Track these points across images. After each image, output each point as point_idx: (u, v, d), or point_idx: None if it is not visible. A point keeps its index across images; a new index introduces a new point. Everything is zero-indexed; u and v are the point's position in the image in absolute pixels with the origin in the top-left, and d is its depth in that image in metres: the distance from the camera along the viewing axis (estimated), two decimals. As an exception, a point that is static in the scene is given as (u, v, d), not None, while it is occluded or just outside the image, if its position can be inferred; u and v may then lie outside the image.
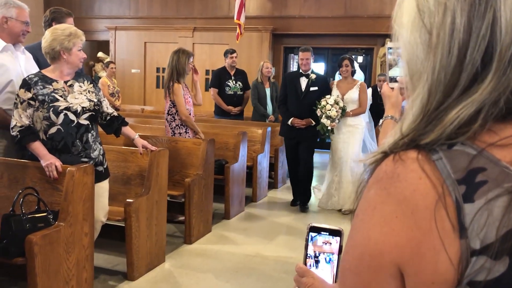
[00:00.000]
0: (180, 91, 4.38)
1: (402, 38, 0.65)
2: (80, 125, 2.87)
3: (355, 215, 0.64)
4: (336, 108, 4.90)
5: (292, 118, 5.11)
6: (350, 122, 5.18)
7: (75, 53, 2.87)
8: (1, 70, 2.98)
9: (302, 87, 5.13)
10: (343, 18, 8.91)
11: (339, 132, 5.19)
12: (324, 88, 5.15)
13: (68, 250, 2.65)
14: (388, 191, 0.59)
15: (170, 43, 9.43)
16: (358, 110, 5.22)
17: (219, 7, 9.54)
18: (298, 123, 5.09)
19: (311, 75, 5.12)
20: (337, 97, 4.99)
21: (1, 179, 2.87)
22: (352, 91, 5.21)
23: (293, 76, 5.29)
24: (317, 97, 5.02)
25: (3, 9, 3.06)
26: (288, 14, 9.23)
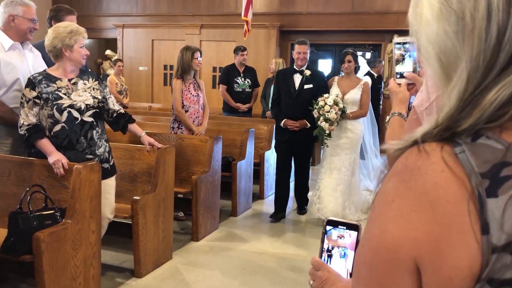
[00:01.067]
0: (177, 86, 4.48)
1: (427, 33, 0.62)
2: (84, 122, 2.88)
3: (372, 207, 0.63)
4: (335, 109, 4.36)
5: (284, 119, 4.63)
6: (347, 125, 4.63)
7: (76, 50, 2.88)
8: (8, 69, 2.99)
9: (296, 84, 4.63)
10: (350, 14, 8.86)
11: (335, 136, 4.61)
12: (320, 85, 4.63)
13: (75, 247, 2.66)
14: (407, 184, 0.58)
15: (177, 41, 9.44)
16: (358, 113, 4.66)
17: (226, 4, 9.52)
18: (291, 125, 4.60)
19: (305, 71, 4.62)
20: (336, 97, 4.44)
21: (9, 176, 2.89)
22: (354, 91, 4.63)
23: (286, 73, 4.78)
24: (312, 95, 4.52)
25: (10, 7, 3.08)
26: (295, 11, 9.19)
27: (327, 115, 4.36)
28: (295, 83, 4.64)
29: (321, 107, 4.38)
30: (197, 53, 4.51)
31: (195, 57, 4.49)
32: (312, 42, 9.72)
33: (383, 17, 8.64)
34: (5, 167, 2.91)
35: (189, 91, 4.50)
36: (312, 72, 4.67)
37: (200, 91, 4.60)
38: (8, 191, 2.86)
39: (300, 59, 4.60)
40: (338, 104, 4.41)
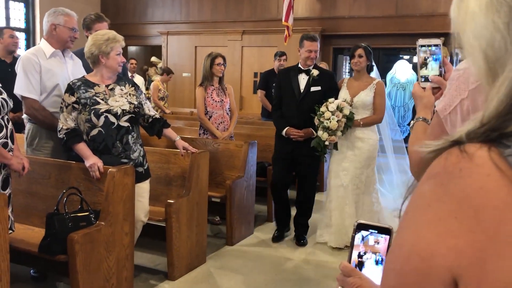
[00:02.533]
0: (198, 94, 4.56)
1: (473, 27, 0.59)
2: (120, 127, 2.95)
3: (405, 212, 0.59)
4: (338, 116, 3.72)
5: (287, 127, 4.00)
6: (358, 133, 3.94)
7: (113, 57, 2.96)
8: (48, 75, 3.13)
9: (301, 86, 4.01)
10: (394, 18, 8.67)
11: (341, 146, 3.96)
12: (329, 87, 4.01)
13: (108, 249, 2.73)
14: (446, 187, 0.53)
15: (219, 47, 9.54)
16: (371, 119, 3.95)
17: (268, 10, 9.56)
18: (295, 134, 3.96)
19: (312, 71, 4.00)
20: (343, 101, 3.82)
21: (49, 179, 3.01)
22: (365, 93, 3.93)
23: (289, 73, 4.11)
24: (319, 99, 3.91)
25: (52, 16, 3.22)
26: (337, 15, 9.10)
27: (326, 123, 3.74)
28: (300, 84, 4.03)
29: (321, 113, 3.79)
30: (218, 59, 4.51)
31: (216, 63, 4.51)
32: (355, 46, 9.63)
33: (428, 20, 8.39)
34: (45, 170, 3.03)
35: (212, 97, 4.53)
36: (320, 72, 4.05)
37: (225, 96, 4.61)
38: (47, 193, 2.98)
39: (310, 58, 4.00)
40: (342, 110, 3.76)
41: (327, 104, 3.80)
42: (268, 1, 9.54)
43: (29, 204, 3.03)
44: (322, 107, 3.81)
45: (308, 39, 4.04)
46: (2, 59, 4.57)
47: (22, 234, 2.79)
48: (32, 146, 3.21)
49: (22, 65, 3.13)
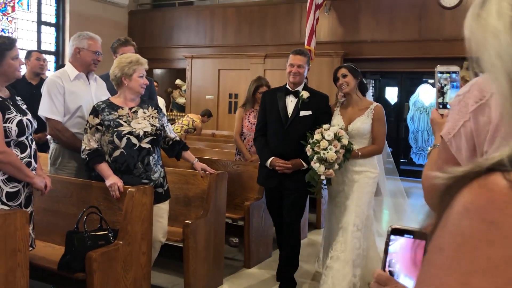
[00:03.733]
0: (238, 114, 4.71)
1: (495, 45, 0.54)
2: (141, 149, 3.02)
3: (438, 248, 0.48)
4: (336, 146, 3.19)
5: (272, 157, 3.45)
6: (355, 166, 3.40)
7: (135, 79, 3.05)
8: (72, 97, 3.24)
9: (289, 110, 3.47)
10: (417, 42, 8.66)
11: (337, 182, 3.44)
12: (321, 112, 3.47)
13: (126, 268, 2.77)
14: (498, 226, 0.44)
15: (242, 70, 9.70)
16: (370, 149, 3.41)
17: (290, 34, 9.68)
18: (281, 166, 3.41)
19: (301, 92, 3.46)
20: (340, 129, 3.27)
21: (70, 198, 3.09)
22: (361, 119, 3.38)
23: (275, 94, 3.56)
24: (310, 125, 3.37)
25: (77, 40, 3.35)
26: (360, 39, 9.14)
27: (323, 154, 3.18)
28: (287, 108, 3.49)
29: (316, 142, 3.22)
30: (263, 88, 4.62)
31: (259, 91, 4.60)
32: (378, 70, 9.66)
33: (452, 44, 8.34)
34: (67, 189, 3.11)
35: (249, 120, 4.62)
36: (312, 94, 3.50)
37: None
38: (69, 211, 3.06)
39: (292, 73, 3.43)
40: (341, 139, 3.21)
41: (322, 131, 3.25)
42: (291, 25, 9.67)
43: (51, 222, 3.10)
44: (316, 134, 3.25)
45: (292, 52, 3.55)
46: (29, 81, 4.74)
47: (43, 251, 2.86)
48: (55, 165, 3.31)
49: (47, 88, 3.26)
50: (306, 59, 3.51)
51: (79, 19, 9.83)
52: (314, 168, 3.22)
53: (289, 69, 3.47)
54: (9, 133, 2.50)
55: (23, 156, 2.58)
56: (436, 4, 8.51)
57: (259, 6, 10.14)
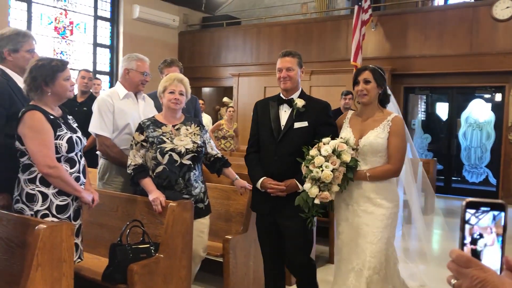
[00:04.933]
0: None
1: None
2: (182, 165, 3.11)
3: None
4: (334, 163, 2.63)
5: (263, 177, 2.95)
6: (368, 192, 2.78)
7: (165, 96, 3.19)
8: (120, 115, 3.40)
9: (282, 122, 2.98)
10: (468, 56, 8.41)
11: (345, 211, 2.86)
12: (321, 123, 2.93)
13: (166, 281, 2.84)
14: None
15: (288, 87, 9.78)
16: (383, 170, 2.77)
17: (337, 50, 9.67)
18: (273, 188, 2.89)
19: (296, 100, 2.96)
20: (342, 142, 2.70)
21: (116, 211, 3.22)
22: (375, 133, 2.80)
23: (268, 104, 3.08)
24: (307, 139, 2.86)
25: (126, 62, 3.52)
26: (408, 54, 9.00)
27: (316, 172, 2.63)
28: (280, 119, 2.99)
29: (311, 159, 2.69)
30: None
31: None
32: (427, 85, 9.45)
33: (506, 58, 8.06)
34: (114, 203, 3.24)
35: None
36: (309, 102, 2.98)
37: None
38: (114, 224, 3.18)
39: (282, 79, 2.98)
40: (340, 155, 2.65)
41: (319, 146, 2.72)
42: (337, 41, 9.66)
43: (97, 235, 3.24)
44: (312, 149, 2.72)
45: (280, 55, 3.07)
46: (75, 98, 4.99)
47: (89, 263, 2.99)
48: (103, 180, 3.46)
49: (97, 106, 3.43)
50: (296, 60, 3.01)
51: (132, 40, 10.28)
52: (306, 189, 2.67)
53: (278, 74, 3.02)
54: (59, 149, 2.65)
55: (72, 171, 2.72)
56: (488, 17, 8.26)
57: (305, 23, 10.23)
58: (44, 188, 2.62)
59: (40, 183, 2.62)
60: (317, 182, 2.65)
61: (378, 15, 9.41)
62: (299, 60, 3.03)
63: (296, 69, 2.99)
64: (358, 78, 2.85)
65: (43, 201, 2.62)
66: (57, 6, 9.37)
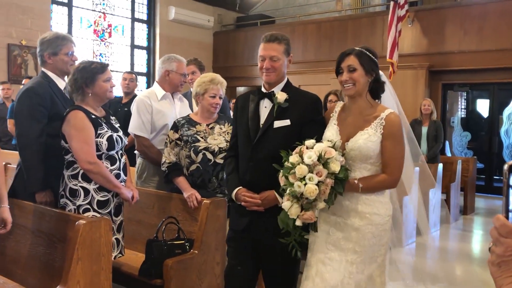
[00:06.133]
0: None
1: None
2: (216, 164, 3.15)
3: None
4: (320, 175, 2.08)
5: (238, 187, 2.47)
6: (356, 204, 2.26)
7: (206, 98, 3.21)
8: (159, 116, 3.47)
9: (261, 119, 2.49)
10: (510, 51, 8.12)
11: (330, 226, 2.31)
12: (306, 120, 2.43)
13: (200, 277, 2.90)
14: None
15: (322, 85, 9.69)
16: (378, 180, 2.25)
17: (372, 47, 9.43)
18: (249, 201, 2.40)
19: (277, 94, 2.45)
20: (329, 146, 2.15)
21: (152, 209, 3.30)
22: (365, 134, 2.25)
23: (248, 98, 2.60)
24: (289, 141, 2.31)
25: (166, 63, 3.59)
26: (446, 50, 8.78)
27: (298, 187, 2.07)
28: (260, 116, 2.50)
29: (290, 168, 2.13)
30: (331, 96, 4.68)
31: (329, 100, 4.62)
32: (467, 81, 9.20)
33: (550, 51, 7.75)
34: (150, 200, 3.33)
35: None
36: (293, 95, 2.47)
37: None
38: (150, 221, 3.26)
39: (265, 70, 2.45)
40: (328, 164, 2.10)
41: (301, 150, 2.15)
42: (372, 38, 9.53)
43: (135, 231, 3.33)
44: (292, 155, 2.16)
45: (263, 39, 2.49)
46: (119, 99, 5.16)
47: (127, 258, 3.07)
48: (141, 179, 3.55)
49: (136, 106, 3.52)
50: (283, 47, 2.46)
51: (168, 41, 10.47)
52: (284, 207, 2.14)
53: (260, 63, 2.48)
54: (100, 146, 2.76)
55: (113, 168, 2.82)
56: (531, 9, 7.96)
57: (340, 21, 10.14)
58: (86, 183, 2.74)
59: (82, 179, 2.74)
60: (300, 199, 2.10)
61: (415, 10, 9.22)
62: (287, 47, 2.48)
63: (283, 58, 2.46)
64: (341, 66, 2.31)
65: (85, 196, 2.73)
66: (96, 10, 9.65)
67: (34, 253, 2.70)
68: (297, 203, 2.12)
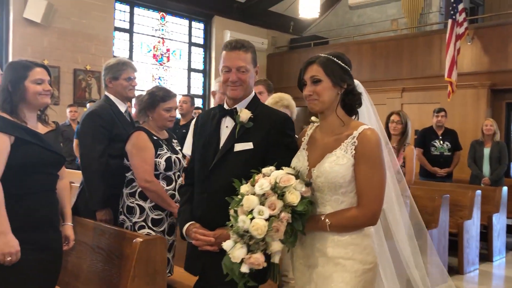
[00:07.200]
0: None
1: None
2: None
3: None
4: (273, 207, 1.71)
5: (189, 222, 2.10)
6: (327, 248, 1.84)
7: None
8: None
9: (221, 141, 2.11)
10: None
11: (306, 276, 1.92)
12: (273, 144, 2.06)
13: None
14: None
15: (378, 105, 9.46)
16: (351, 215, 1.82)
17: (429, 66, 9.30)
18: (200, 239, 2.01)
19: (239, 111, 2.09)
20: (289, 173, 1.80)
21: (206, 228, 3.33)
22: (333, 157, 1.85)
23: (209, 118, 2.22)
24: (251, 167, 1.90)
25: (217, 85, 3.68)
26: (510, 68, 8.39)
27: (243, 223, 1.71)
28: (220, 137, 2.13)
29: (239, 201, 1.78)
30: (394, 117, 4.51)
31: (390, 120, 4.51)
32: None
33: None
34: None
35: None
36: (258, 114, 2.11)
37: (398, 158, 4.52)
38: (204, 240, 3.30)
39: (230, 83, 2.09)
40: (284, 194, 1.73)
41: (255, 178, 1.81)
42: (429, 57, 9.31)
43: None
44: (244, 185, 1.82)
45: (226, 47, 2.11)
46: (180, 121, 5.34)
47: (179, 276, 3.12)
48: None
49: (191, 128, 3.61)
50: (250, 55, 2.10)
51: (223, 64, 10.73)
52: (226, 248, 1.75)
53: (224, 76, 2.10)
54: (158, 166, 2.87)
55: (168, 188, 2.91)
56: None
57: (395, 40, 9.98)
58: (142, 201, 2.85)
59: (139, 197, 2.86)
60: (246, 238, 1.71)
61: (475, 28, 8.92)
62: (254, 55, 2.13)
63: (251, 69, 2.10)
64: (304, 77, 1.96)
65: (140, 214, 2.84)
66: (156, 35, 10.07)
67: (94, 269, 2.80)
68: (243, 243, 1.71)
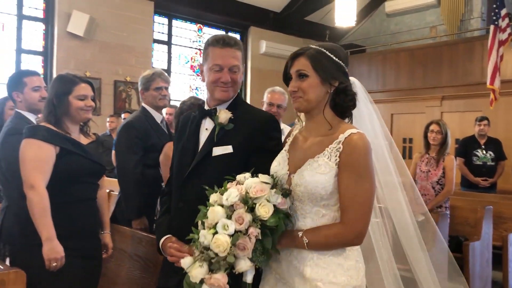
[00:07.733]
0: (413, 160, 4.74)
1: None
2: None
3: None
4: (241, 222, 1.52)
5: (165, 236, 1.93)
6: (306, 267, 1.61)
7: None
8: None
9: (199, 145, 1.95)
10: None
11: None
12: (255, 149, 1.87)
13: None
14: None
15: (417, 114, 9.35)
16: (332, 233, 1.59)
17: (470, 74, 9.04)
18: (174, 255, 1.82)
19: (218, 112, 1.92)
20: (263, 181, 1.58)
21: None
22: (315, 164, 1.62)
23: (189, 120, 2.07)
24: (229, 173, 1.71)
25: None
26: (558, 73, 8.07)
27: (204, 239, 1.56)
28: (199, 141, 1.97)
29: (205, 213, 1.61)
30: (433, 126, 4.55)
31: (429, 130, 4.50)
32: None
33: None
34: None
35: (420, 167, 4.48)
36: (240, 115, 1.93)
37: (436, 168, 4.45)
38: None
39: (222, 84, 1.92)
40: (254, 206, 1.55)
41: (224, 189, 1.63)
42: (470, 64, 9.05)
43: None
44: (213, 194, 1.64)
45: (214, 43, 1.92)
46: None
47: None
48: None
49: None
50: (241, 54, 1.96)
51: (259, 74, 10.79)
52: (184, 266, 1.61)
53: (215, 75, 1.90)
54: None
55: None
56: None
57: (434, 47, 9.77)
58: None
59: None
60: (205, 255, 1.54)
61: (519, 33, 8.62)
62: (242, 53, 1.99)
63: (242, 68, 1.97)
64: (289, 71, 1.75)
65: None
66: (193, 47, 10.25)
67: (131, 276, 2.85)
68: (203, 260, 1.54)
